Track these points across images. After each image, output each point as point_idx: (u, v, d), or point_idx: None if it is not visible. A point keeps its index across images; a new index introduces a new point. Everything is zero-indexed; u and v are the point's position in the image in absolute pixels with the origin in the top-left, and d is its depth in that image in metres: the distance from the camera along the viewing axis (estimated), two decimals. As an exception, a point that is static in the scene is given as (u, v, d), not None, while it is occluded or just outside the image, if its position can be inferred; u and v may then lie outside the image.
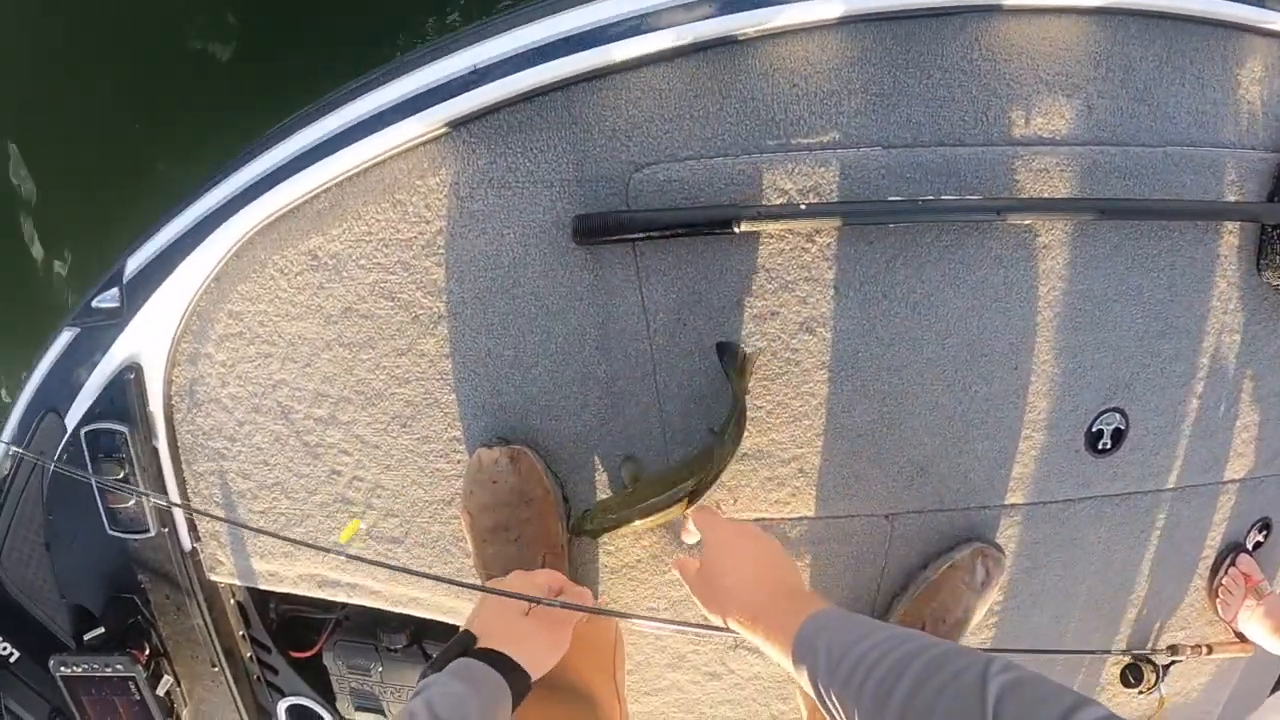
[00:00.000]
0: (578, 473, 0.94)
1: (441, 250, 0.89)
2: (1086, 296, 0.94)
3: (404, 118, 0.84)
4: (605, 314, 0.88)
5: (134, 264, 0.95)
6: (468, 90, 0.82)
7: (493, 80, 0.81)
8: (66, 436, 0.98)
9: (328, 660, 1.11)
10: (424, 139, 0.85)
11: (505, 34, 0.81)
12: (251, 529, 1.01)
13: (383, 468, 0.98)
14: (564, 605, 0.72)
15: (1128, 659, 1.13)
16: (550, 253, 0.87)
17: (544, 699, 0.79)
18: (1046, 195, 0.89)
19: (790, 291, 0.88)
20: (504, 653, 0.68)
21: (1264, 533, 1.14)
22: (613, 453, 0.94)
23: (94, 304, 0.95)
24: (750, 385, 0.89)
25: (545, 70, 0.80)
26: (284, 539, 0.99)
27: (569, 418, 0.92)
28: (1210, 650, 1.13)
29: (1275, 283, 0.98)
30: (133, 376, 0.96)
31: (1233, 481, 1.09)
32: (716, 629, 0.70)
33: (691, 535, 0.81)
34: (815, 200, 0.84)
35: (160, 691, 1.04)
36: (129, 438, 0.97)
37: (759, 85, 0.83)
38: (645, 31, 0.79)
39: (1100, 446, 1.01)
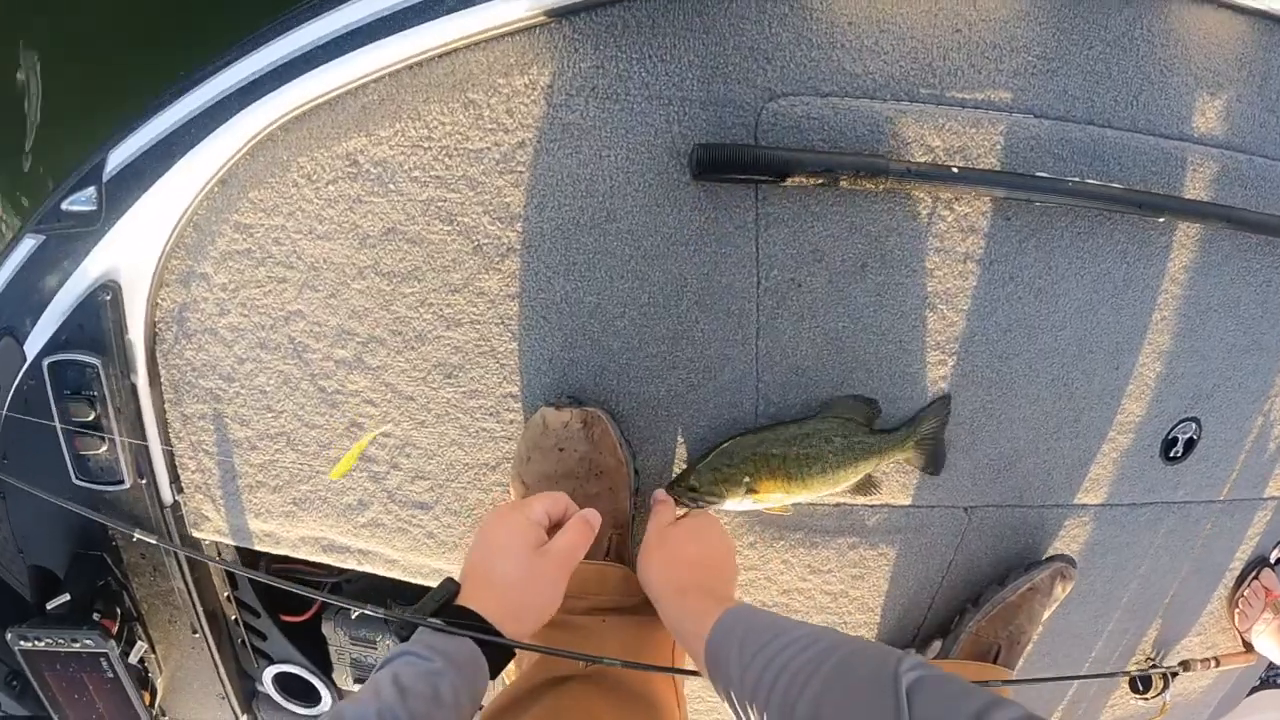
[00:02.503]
0: (652, 443, 0.83)
1: (520, 168, 0.73)
2: (1191, 302, 0.90)
3: (491, -1, 0.68)
4: (712, 264, 0.76)
5: (117, 159, 0.75)
6: None
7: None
8: (25, 367, 0.78)
9: (327, 629, 0.98)
10: (514, 28, 0.69)
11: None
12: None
13: (416, 423, 0.83)
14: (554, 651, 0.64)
15: (1135, 667, 1.14)
16: (657, 185, 0.73)
17: (600, 695, 0.70)
18: (1178, 194, 0.83)
19: (920, 261, 0.78)
20: (484, 616, 0.59)
21: (1289, 550, 1.17)
22: (696, 423, 0.83)
23: (65, 206, 0.75)
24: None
25: (683, -41, 0.66)
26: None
27: (653, 380, 0.80)
28: (1218, 663, 1.16)
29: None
30: (109, 298, 0.77)
31: (1274, 499, 1.10)
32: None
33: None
34: (963, 163, 0.74)
35: (133, 659, 0.88)
36: (101, 371, 0.78)
37: (922, 24, 0.71)
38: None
39: (1172, 454, 0.99)
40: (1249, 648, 1.18)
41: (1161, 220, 0.83)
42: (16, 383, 0.79)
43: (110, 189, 0.75)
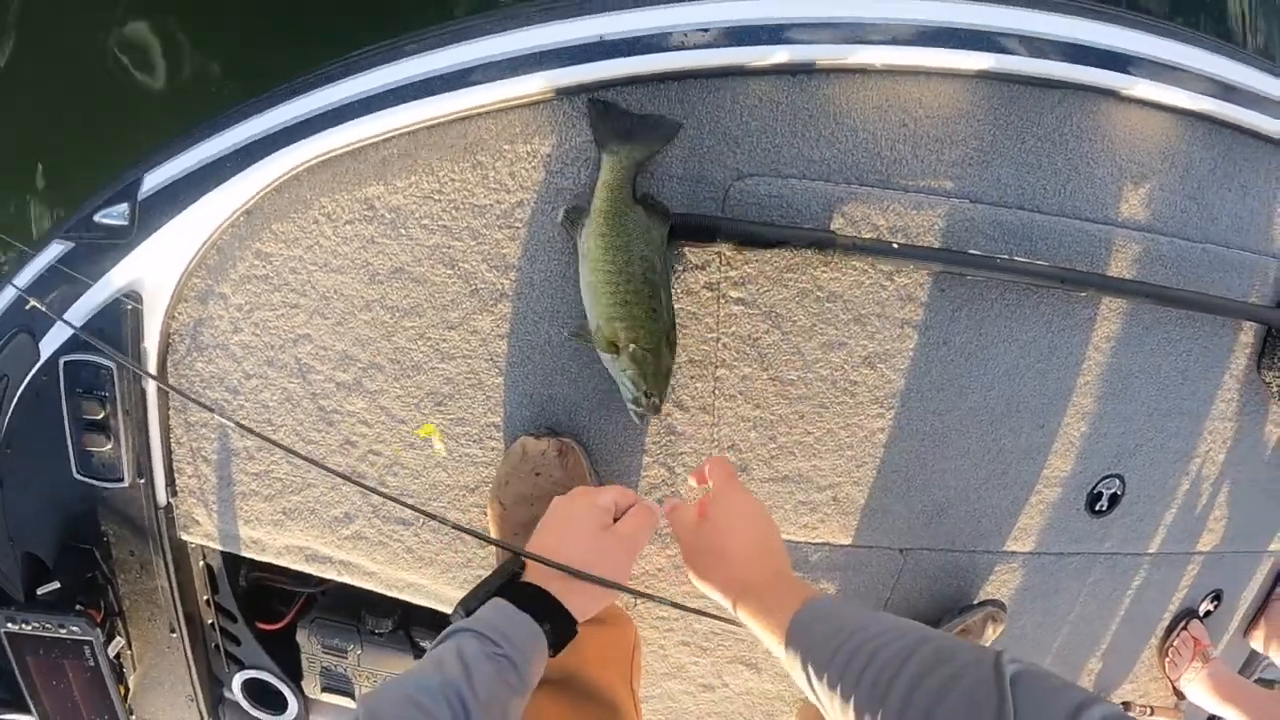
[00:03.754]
0: (620, 477, 0.91)
1: (518, 224, 0.83)
2: (1113, 369, 1.00)
3: (505, 76, 0.78)
4: (680, 318, 0.86)
5: (152, 180, 0.83)
6: (584, 61, 0.77)
7: (616, 56, 0.76)
8: (40, 363, 0.85)
9: (301, 637, 1.03)
10: (523, 102, 0.79)
11: (640, 10, 0.76)
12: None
13: (405, 444, 0.91)
14: (604, 583, 0.64)
15: None
16: (635, 247, 0.83)
17: (565, 701, 0.76)
18: (1101, 271, 0.94)
19: (861, 325, 0.88)
20: (550, 594, 0.61)
21: (1215, 603, 1.26)
22: (658, 459, 0.91)
23: (97, 218, 0.83)
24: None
25: (670, 59, 0.77)
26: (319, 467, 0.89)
27: (622, 417, 0.89)
28: (1153, 712, 1.23)
29: (1268, 379, 1.08)
30: (130, 307, 0.85)
31: (1200, 553, 1.19)
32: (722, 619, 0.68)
33: (696, 488, 0.76)
34: (904, 240, 0.85)
35: (111, 653, 0.92)
36: (114, 375, 0.85)
37: (872, 118, 0.82)
38: (781, 43, 0.77)
39: (1098, 508, 1.08)
40: (1180, 696, 1.25)
41: (1084, 295, 0.94)
42: (29, 378, 0.86)
43: (144, 207, 0.84)
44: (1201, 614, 1.24)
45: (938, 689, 0.47)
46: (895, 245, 0.83)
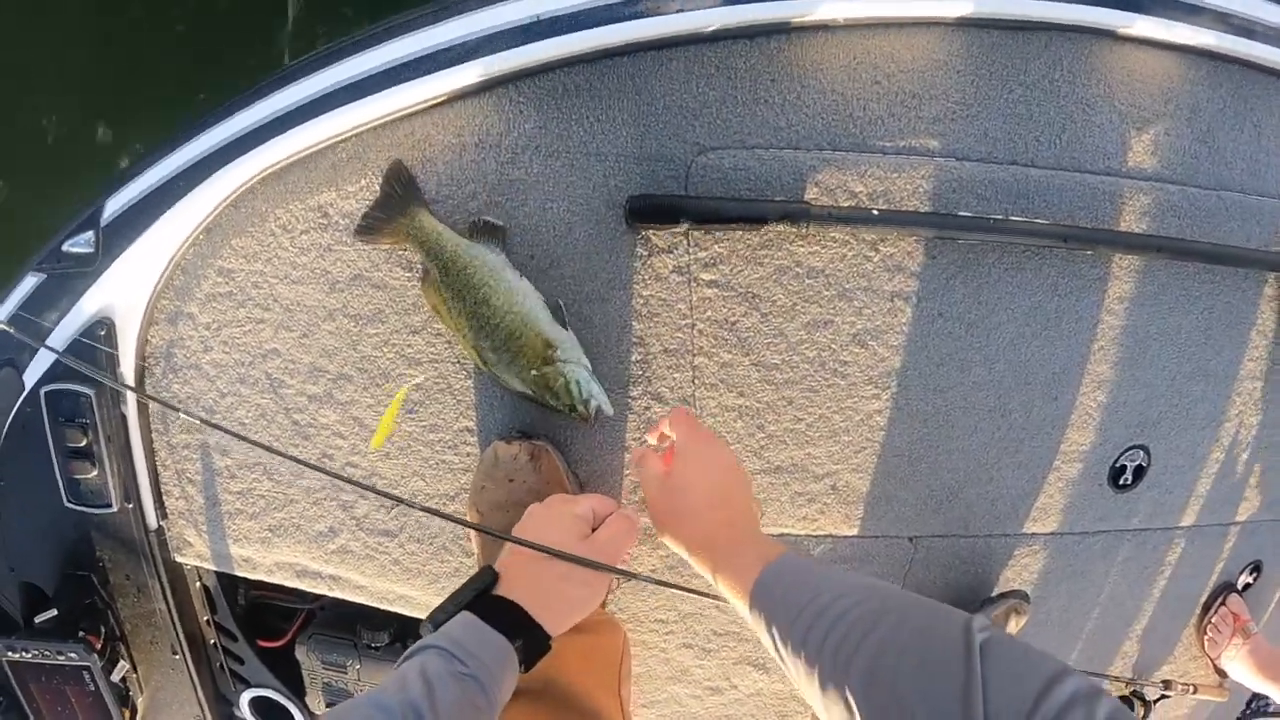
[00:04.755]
0: (600, 477, 0.88)
1: (472, 218, 0.80)
2: (1129, 332, 0.93)
3: (445, 67, 0.75)
4: (648, 305, 0.82)
5: (113, 206, 0.83)
6: (524, 43, 0.73)
7: (554, 35, 0.72)
8: (24, 395, 0.85)
9: (300, 654, 1.02)
10: (465, 92, 0.76)
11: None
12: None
13: (381, 455, 0.89)
14: (586, 562, 0.62)
15: (1121, 690, 1.14)
16: (597, 233, 0.79)
17: (542, 711, 0.73)
18: (1108, 227, 0.87)
19: (848, 300, 0.83)
20: (523, 607, 0.59)
21: (1254, 575, 1.17)
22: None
23: (65, 248, 0.83)
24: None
25: (615, 31, 0.73)
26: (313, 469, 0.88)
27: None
28: (1196, 690, 1.15)
29: (1306, 333, 0.98)
30: (103, 333, 0.84)
31: (1235, 524, 1.10)
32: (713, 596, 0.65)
33: (660, 437, 0.73)
34: (885, 206, 0.79)
35: (115, 678, 0.93)
36: (94, 402, 0.85)
37: (841, 78, 0.77)
38: (732, 3, 0.72)
39: (1121, 482, 1.00)
40: (1222, 674, 1.17)
41: (1090, 253, 0.87)
42: (15, 410, 0.86)
43: (107, 233, 0.83)
44: (1240, 587, 1.15)
45: (902, 660, 0.45)
46: (876, 212, 0.77)
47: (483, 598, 0.60)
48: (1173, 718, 1.25)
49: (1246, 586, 1.17)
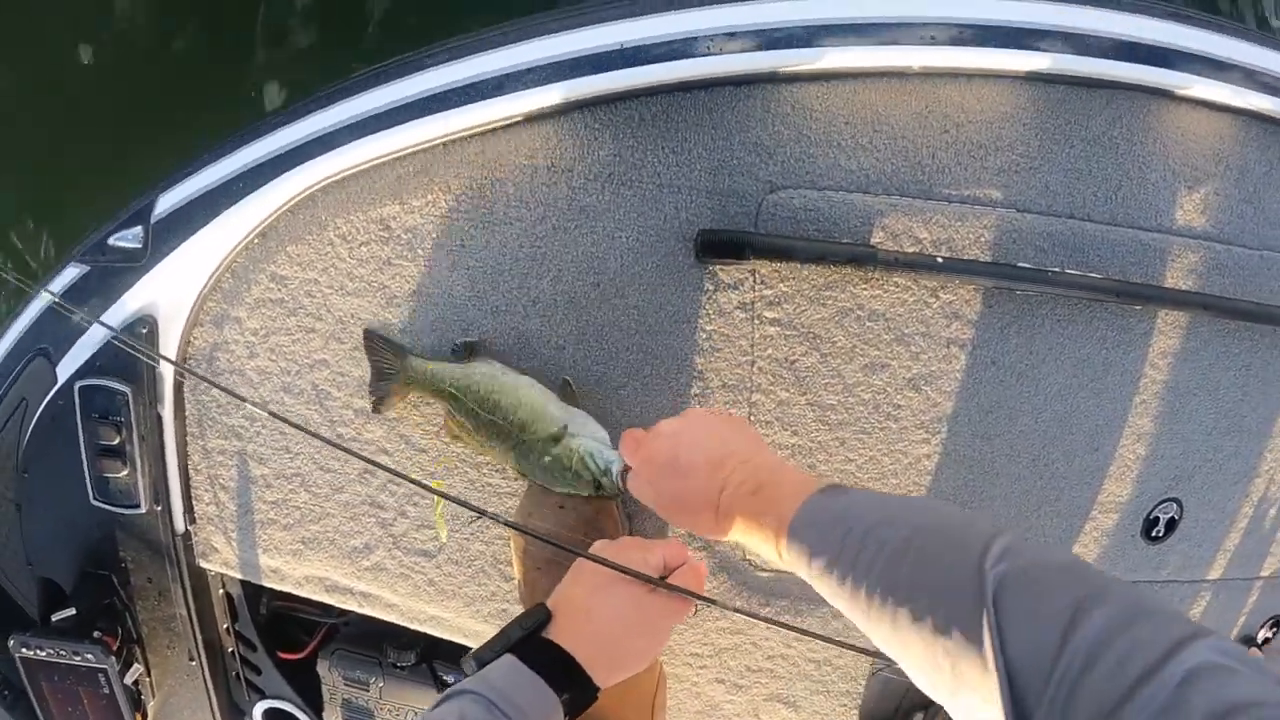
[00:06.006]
0: (647, 515, 0.87)
1: (539, 243, 0.79)
2: (1170, 386, 0.94)
3: (522, 88, 0.75)
4: (710, 340, 0.81)
5: (166, 202, 0.81)
6: (605, 70, 0.73)
7: (635, 64, 0.72)
8: (57, 387, 0.83)
9: (322, 669, 1.00)
10: (540, 115, 0.76)
11: (659, 16, 0.73)
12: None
13: (426, 475, 0.88)
14: (669, 586, 0.58)
15: None
16: (665, 265, 0.79)
17: None
18: (1156, 282, 0.88)
19: (905, 345, 0.83)
20: (573, 655, 0.54)
21: (1274, 630, 1.18)
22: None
23: (111, 241, 0.81)
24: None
25: (695, 65, 0.73)
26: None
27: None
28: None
29: (1333, 396, 1.00)
30: (145, 331, 0.83)
31: (1259, 579, 1.12)
32: (856, 648, 0.60)
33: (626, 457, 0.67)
34: (949, 253, 0.80)
35: (129, 680, 0.90)
36: (130, 400, 0.83)
37: (912, 125, 0.78)
38: (813, 46, 0.73)
39: (1154, 534, 1.01)
40: None
41: (1139, 308, 0.88)
42: (46, 402, 0.84)
43: (157, 230, 0.82)
44: (1260, 641, 1.16)
45: (920, 612, 0.44)
46: (940, 259, 0.78)
47: (532, 640, 0.55)
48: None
49: (1266, 640, 1.19)
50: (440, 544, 0.88)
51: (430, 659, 0.99)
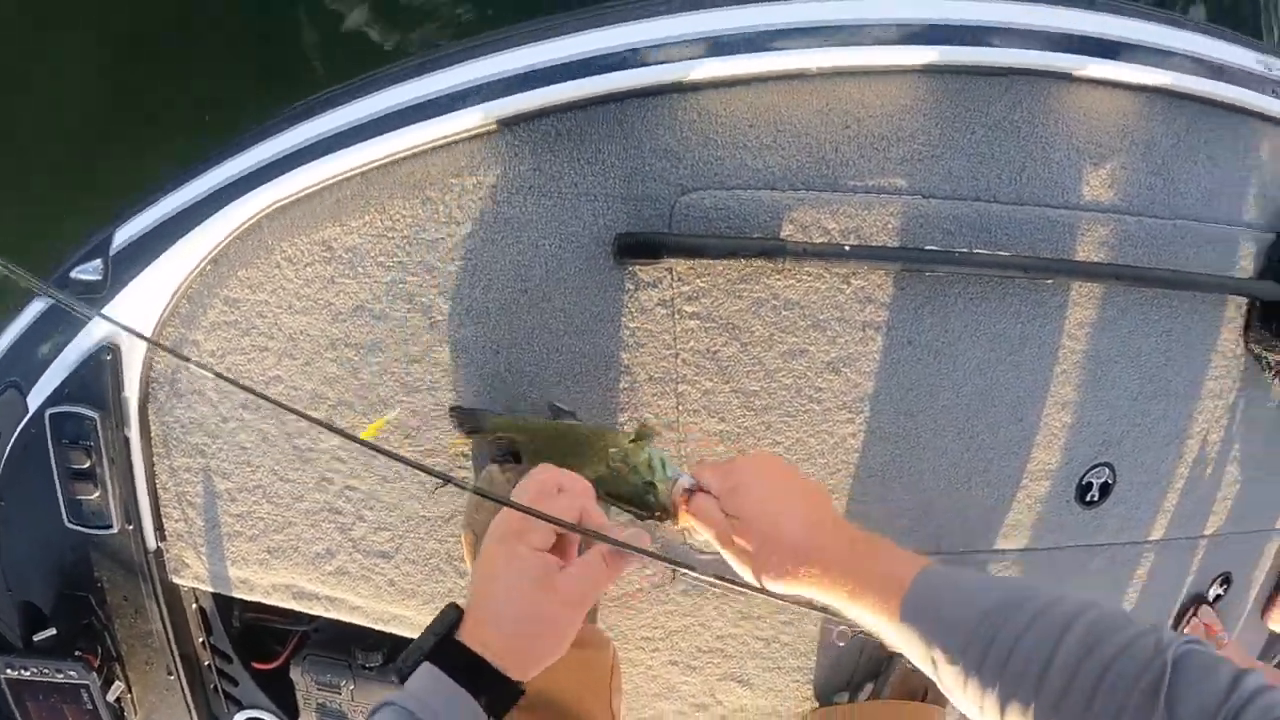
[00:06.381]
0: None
1: (469, 255, 0.84)
2: (1091, 356, 0.98)
3: (446, 111, 0.80)
4: (637, 338, 0.86)
5: (123, 235, 0.86)
6: (521, 90, 0.78)
7: (548, 84, 0.77)
8: (28, 417, 0.88)
9: (295, 675, 1.04)
10: (465, 136, 0.81)
11: (568, 37, 0.78)
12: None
13: (379, 479, 0.92)
14: (595, 535, 0.53)
15: None
16: (586, 269, 0.84)
17: None
18: (1068, 257, 0.92)
19: (821, 330, 0.88)
20: (483, 655, 0.51)
21: (1224, 586, 1.21)
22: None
23: (74, 274, 0.86)
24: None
25: (604, 81, 0.78)
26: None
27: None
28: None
29: (1258, 353, 1.04)
30: (109, 358, 0.88)
31: (1203, 537, 1.15)
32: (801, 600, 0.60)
33: (696, 533, 0.65)
34: (857, 241, 0.85)
35: (111, 698, 0.95)
36: (98, 424, 0.88)
37: (815, 123, 0.83)
38: (712, 55, 0.78)
39: (1088, 499, 1.05)
40: None
41: (1050, 283, 0.92)
42: (19, 431, 0.89)
43: (115, 261, 0.87)
44: (1211, 599, 1.20)
45: (1099, 670, 0.44)
46: (847, 247, 0.83)
47: (445, 643, 0.52)
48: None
49: (1218, 598, 1.22)
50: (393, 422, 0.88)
51: (397, 658, 1.03)
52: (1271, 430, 1.11)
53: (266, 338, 0.90)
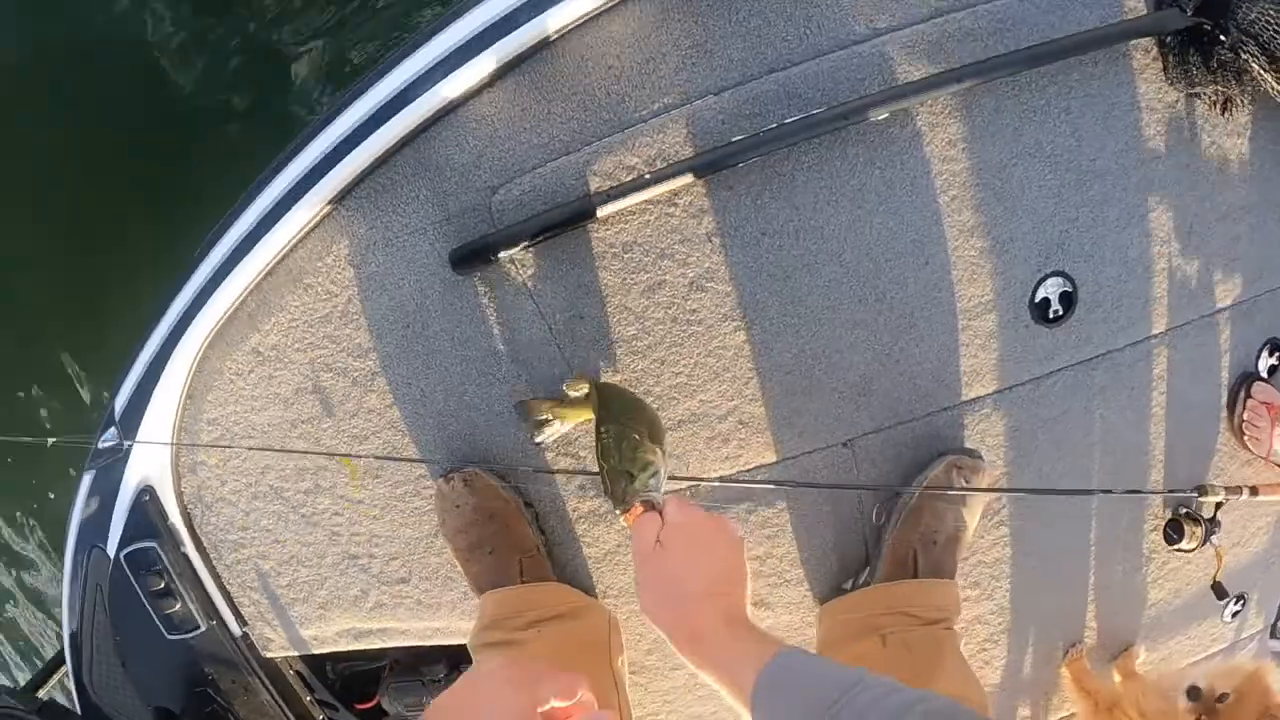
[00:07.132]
0: (534, 479, 0.99)
1: (356, 315, 0.96)
2: (980, 169, 0.91)
3: (289, 209, 0.93)
4: (510, 329, 0.94)
5: (120, 402, 1.08)
6: (327, 172, 0.89)
7: (341, 161, 0.88)
8: (111, 565, 1.12)
9: (386, 704, 1.21)
10: (312, 224, 0.93)
11: (350, 107, 0.88)
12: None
13: (371, 518, 1.07)
14: None
15: (1167, 516, 1.05)
16: (443, 290, 0.93)
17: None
18: (894, 84, 0.87)
19: (669, 257, 0.90)
20: None
21: (1275, 354, 1.05)
22: (562, 452, 0.98)
23: (99, 446, 1.09)
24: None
25: (386, 131, 0.87)
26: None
27: (509, 429, 0.98)
28: (1255, 491, 1.04)
29: (1194, 91, 0.91)
30: (148, 498, 1.09)
31: (1221, 310, 1.01)
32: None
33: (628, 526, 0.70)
34: (662, 164, 0.87)
35: (248, 766, 1.16)
36: (160, 550, 1.10)
37: (576, 78, 0.86)
38: (460, 66, 0.84)
39: (1051, 315, 0.97)
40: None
41: (884, 117, 0.86)
42: (110, 578, 1.13)
43: (123, 424, 1.08)
44: (1265, 372, 1.04)
45: None
46: (648, 175, 0.85)
47: None
48: (1251, 531, 1.13)
49: (1272, 369, 1.06)
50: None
51: (457, 664, 1.17)
52: (1252, 170, 0.95)
53: (246, 438, 1.07)
